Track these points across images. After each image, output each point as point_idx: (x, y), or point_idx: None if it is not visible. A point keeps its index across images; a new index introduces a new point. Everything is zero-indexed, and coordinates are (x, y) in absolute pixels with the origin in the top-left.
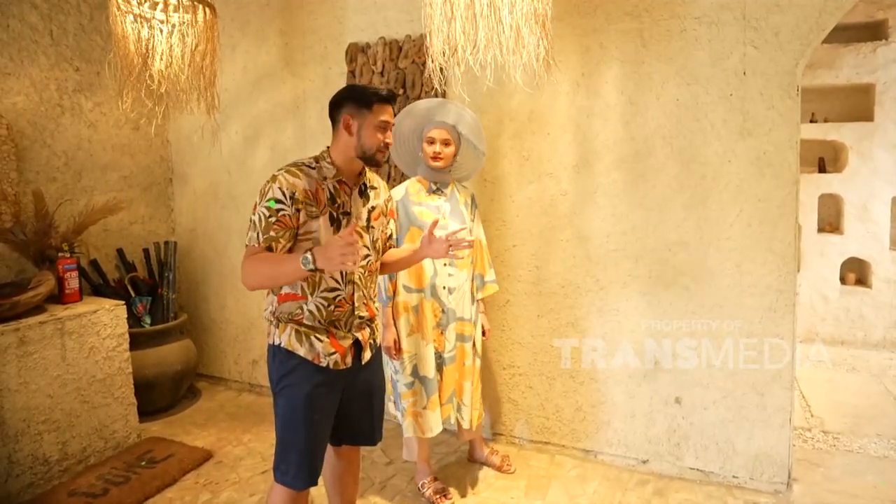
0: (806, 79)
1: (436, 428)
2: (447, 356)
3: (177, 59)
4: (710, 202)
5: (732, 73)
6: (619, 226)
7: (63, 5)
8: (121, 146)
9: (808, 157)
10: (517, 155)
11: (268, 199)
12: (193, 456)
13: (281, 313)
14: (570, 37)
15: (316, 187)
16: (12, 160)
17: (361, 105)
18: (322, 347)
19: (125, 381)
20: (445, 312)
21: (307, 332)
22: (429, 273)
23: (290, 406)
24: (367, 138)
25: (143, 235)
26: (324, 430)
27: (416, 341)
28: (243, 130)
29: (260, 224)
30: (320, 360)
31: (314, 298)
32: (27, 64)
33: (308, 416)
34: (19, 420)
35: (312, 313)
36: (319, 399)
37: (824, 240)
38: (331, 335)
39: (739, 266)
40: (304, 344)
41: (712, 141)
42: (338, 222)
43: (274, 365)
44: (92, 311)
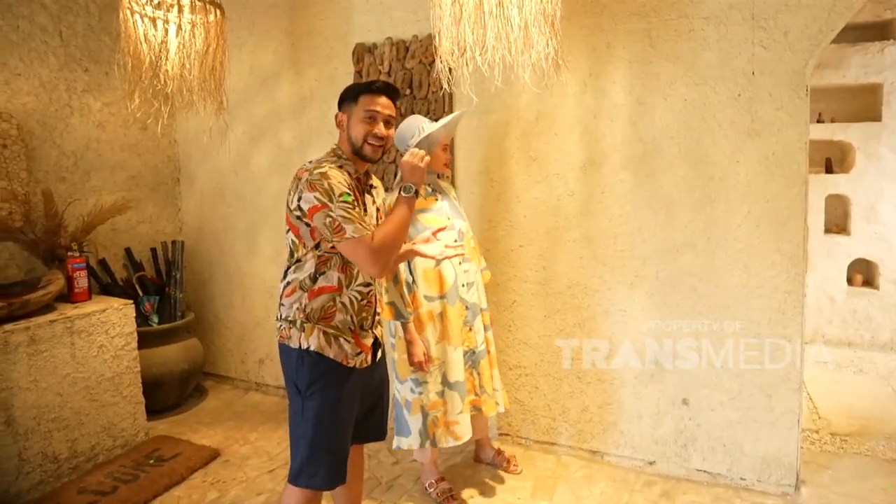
0: (813, 79)
1: (469, 432)
2: (479, 351)
3: (186, 60)
4: (717, 203)
5: (741, 73)
6: (626, 226)
7: (72, 6)
8: (129, 146)
9: (815, 157)
10: (524, 155)
11: (340, 195)
12: (201, 454)
13: (312, 311)
14: (577, 37)
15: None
16: (22, 160)
17: (349, 99)
18: (350, 348)
19: (133, 379)
20: (469, 308)
21: (336, 333)
22: (450, 279)
23: (323, 408)
24: (353, 129)
25: (151, 235)
26: (350, 432)
27: (444, 348)
28: (250, 130)
29: (352, 215)
30: (349, 361)
31: (349, 291)
32: (37, 64)
33: (340, 418)
34: (29, 418)
35: (346, 306)
36: (349, 400)
37: (831, 241)
38: (355, 335)
39: (747, 267)
40: (333, 345)
41: (720, 141)
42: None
43: (303, 370)
44: (101, 310)
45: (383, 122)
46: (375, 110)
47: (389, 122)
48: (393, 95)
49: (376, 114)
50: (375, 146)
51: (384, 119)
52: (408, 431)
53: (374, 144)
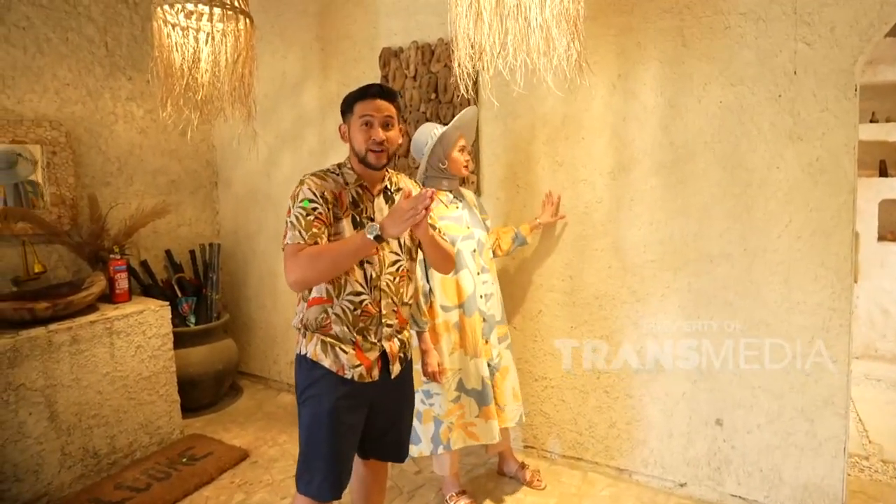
0: (866, 75)
1: (497, 435)
2: (493, 364)
3: (216, 69)
4: (755, 211)
5: (781, 72)
6: (656, 235)
7: (117, 18)
8: (169, 151)
9: (868, 159)
10: (550, 161)
11: (301, 201)
12: (231, 455)
13: (309, 321)
14: (604, 36)
15: (339, 191)
16: (70, 166)
17: (345, 110)
18: (347, 359)
19: (169, 379)
20: (486, 321)
21: (333, 342)
22: (468, 288)
23: (313, 417)
24: (354, 139)
25: (191, 237)
26: (348, 443)
27: (460, 357)
28: (282, 135)
29: (300, 223)
30: (345, 372)
31: (339, 301)
32: (84, 74)
33: (331, 428)
34: (72, 414)
35: (339, 317)
36: (343, 412)
37: (885, 249)
38: (357, 347)
39: (788, 281)
40: (329, 355)
41: (759, 146)
42: (361, 226)
43: (300, 375)
44: (139, 311)
45: (381, 125)
46: (370, 115)
47: (389, 123)
48: (388, 96)
49: (371, 118)
50: (377, 152)
51: (381, 122)
52: (418, 439)
53: (376, 150)
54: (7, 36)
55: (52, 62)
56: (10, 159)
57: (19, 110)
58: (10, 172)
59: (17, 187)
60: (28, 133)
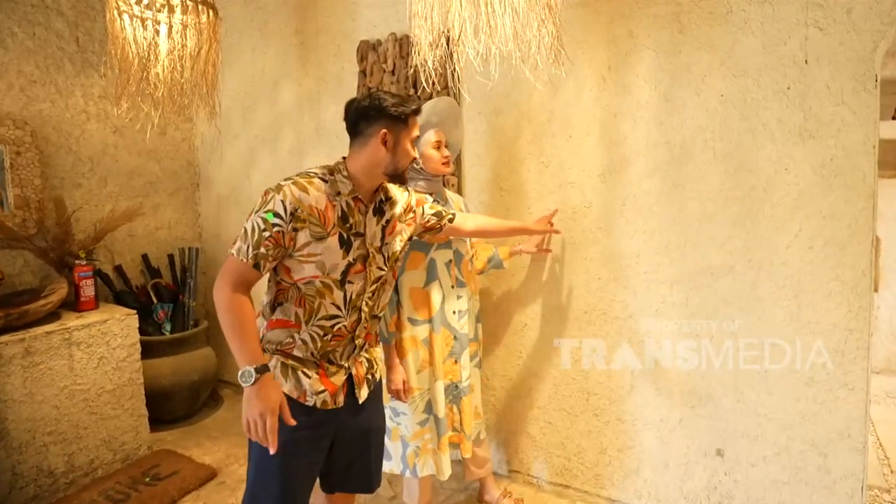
0: (887, 68)
1: (447, 470)
2: (464, 386)
3: (177, 63)
4: (761, 218)
5: (791, 61)
6: (651, 244)
7: (89, 12)
8: (147, 151)
9: (891, 158)
10: (536, 161)
11: (266, 211)
12: (198, 474)
13: (268, 342)
14: (594, 24)
15: (325, 204)
16: (36, 167)
17: (398, 120)
18: (309, 385)
19: (136, 391)
20: (458, 339)
21: (295, 365)
22: (437, 301)
23: (264, 451)
24: (403, 155)
25: (170, 241)
26: (305, 480)
27: (429, 376)
28: (262, 133)
29: (252, 236)
30: (306, 399)
31: (309, 327)
32: (53, 71)
33: (285, 465)
34: (24, 431)
35: (306, 343)
36: (300, 444)
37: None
38: (321, 371)
39: (797, 297)
40: (290, 379)
41: (765, 144)
42: (348, 244)
43: None
44: (102, 320)
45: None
46: (419, 135)
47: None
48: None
49: (418, 138)
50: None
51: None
52: (389, 456)
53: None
54: None
55: (16, 58)
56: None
57: None
58: None
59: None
60: None
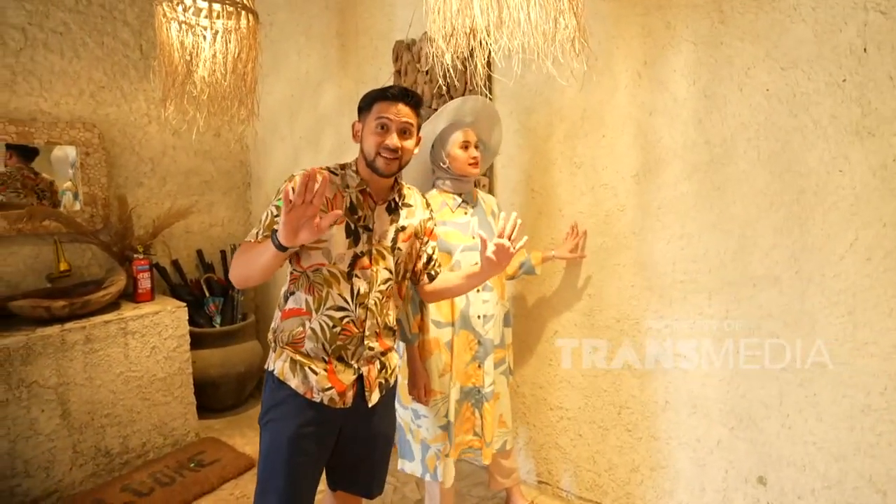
0: None
1: (451, 477)
2: (486, 391)
3: (217, 67)
4: (811, 225)
5: (847, 50)
6: (688, 251)
7: (151, 21)
8: (203, 152)
9: None
10: (568, 161)
11: (277, 198)
12: (237, 463)
13: (281, 333)
14: (628, 17)
15: (335, 194)
16: (103, 166)
17: (363, 107)
18: (316, 381)
19: (185, 380)
20: (482, 344)
21: (303, 361)
22: (461, 303)
23: (272, 445)
24: (365, 141)
25: (223, 237)
26: (310, 475)
27: (448, 381)
28: (306, 135)
29: (264, 221)
30: (312, 395)
31: (318, 315)
32: (119, 77)
33: (290, 460)
34: (84, 413)
35: (315, 332)
36: (306, 440)
37: None
38: (329, 368)
39: (852, 314)
40: (298, 374)
41: (816, 143)
42: (355, 234)
43: (265, 394)
44: (155, 311)
45: (398, 131)
46: (388, 118)
47: (407, 131)
48: (412, 102)
49: (389, 122)
50: (388, 159)
51: (399, 128)
52: (412, 456)
53: (387, 157)
54: (46, 41)
55: (87, 65)
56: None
57: (56, 112)
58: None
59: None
60: (62, 134)
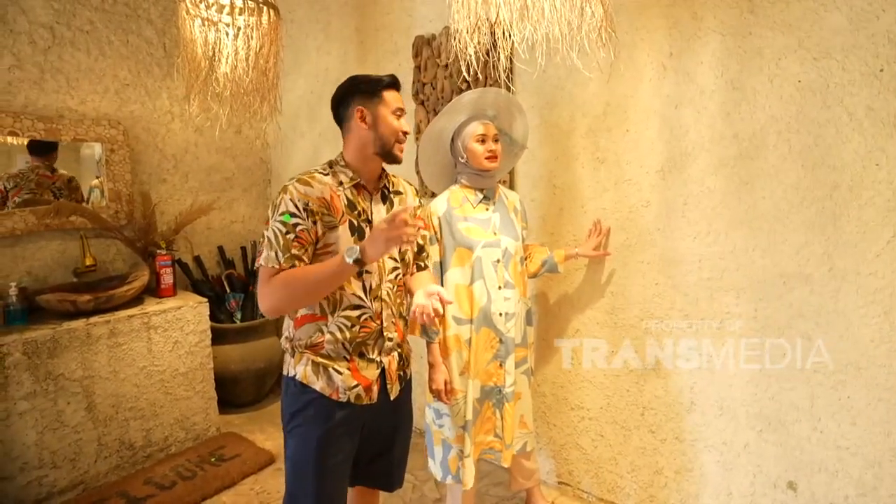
0: None
1: (471, 479)
2: (507, 391)
3: (239, 63)
4: (845, 222)
5: (884, 38)
6: (715, 248)
7: (174, 18)
8: (224, 149)
9: None
10: (590, 156)
11: (282, 214)
12: (257, 459)
13: (298, 340)
14: (654, 7)
15: (331, 194)
16: (127, 163)
17: (371, 94)
18: (342, 380)
19: (206, 375)
20: (504, 342)
21: (325, 362)
22: (482, 300)
23: (301, 451)
24: (385, 128)
25: (244, 234)
26: (341, 476)
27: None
28: (325, 132)
29: (278, 242)
30: (339, 396)
31: (335, 319)
32: (143, 75)
33: (322, 464)
34: (109, 406)
35: (335, 335)
36: (336, 442)
37: None
38: (353, 365)
39: (888, 314)
40: (322, 377)
41: (851, 136)
42: (359, 231)
43: (286, 400)
44: (177, 307)
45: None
46: (401, 108)
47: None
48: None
49: (403, 111)
50: (402, 145)
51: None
52: (434, 455)
53: (402, 143)
54: (72, 40)
55: (113, 63)
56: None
57: (82, 110)
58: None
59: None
60: (88, 131)
